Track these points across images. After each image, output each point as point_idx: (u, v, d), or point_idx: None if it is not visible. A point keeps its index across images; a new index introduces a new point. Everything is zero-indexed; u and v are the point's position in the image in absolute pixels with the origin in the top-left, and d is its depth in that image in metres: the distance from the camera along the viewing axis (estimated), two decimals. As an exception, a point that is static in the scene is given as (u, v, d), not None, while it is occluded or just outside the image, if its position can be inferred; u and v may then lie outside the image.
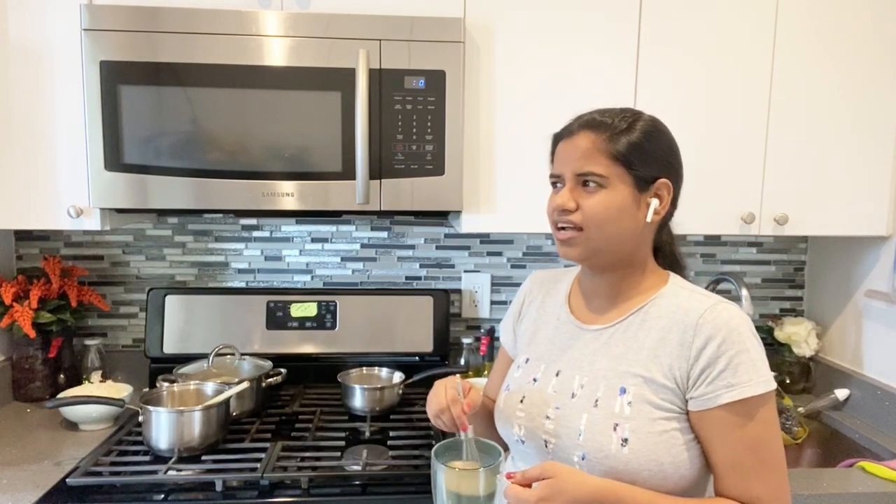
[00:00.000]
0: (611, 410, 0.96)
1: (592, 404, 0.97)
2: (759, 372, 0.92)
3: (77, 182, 1.57)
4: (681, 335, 0.96)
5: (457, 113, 1.57)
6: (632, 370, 0.97)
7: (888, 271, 1.80)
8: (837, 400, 1.88)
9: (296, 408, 1.75)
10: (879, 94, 1.73)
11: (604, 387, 0.98)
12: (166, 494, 1.34)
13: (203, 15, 1.50)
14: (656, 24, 1.65)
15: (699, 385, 0.93)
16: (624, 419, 0.94)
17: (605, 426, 0.95)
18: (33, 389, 1.81)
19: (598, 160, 0.97)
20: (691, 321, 0.95)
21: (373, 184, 1.55)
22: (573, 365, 1.04)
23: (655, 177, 0.99)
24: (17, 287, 1.76)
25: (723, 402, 0.92)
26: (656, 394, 0.95)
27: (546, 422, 1.01)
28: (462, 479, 0.94)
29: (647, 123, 1.00)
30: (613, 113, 1.01)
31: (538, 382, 1.06)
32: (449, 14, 1.58)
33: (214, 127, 1.52)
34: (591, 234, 0.98)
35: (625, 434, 0.93)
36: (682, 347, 0.95)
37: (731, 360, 0.92)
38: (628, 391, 0.96)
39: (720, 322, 0.94)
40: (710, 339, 0.93)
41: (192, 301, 1.90)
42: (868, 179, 1.75)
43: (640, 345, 0.99)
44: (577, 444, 0.96)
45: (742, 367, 0.91)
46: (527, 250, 2.09)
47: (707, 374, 0.93)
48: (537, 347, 1.12)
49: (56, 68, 1.54)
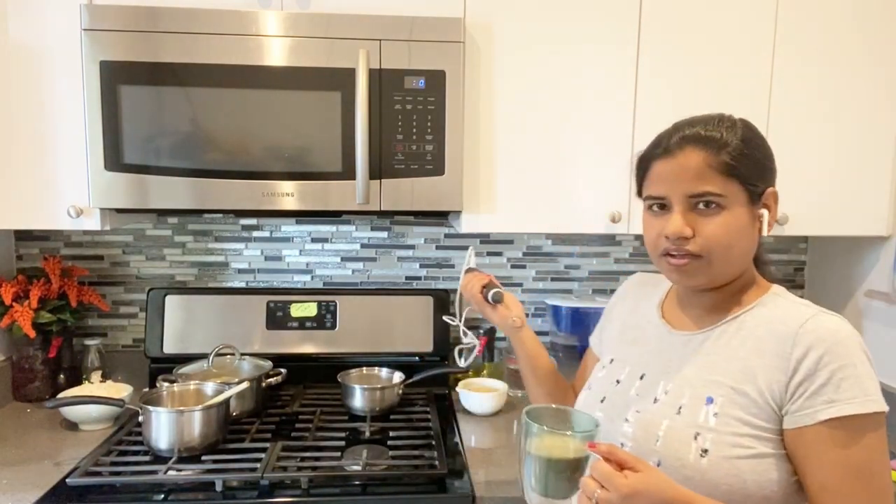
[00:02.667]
0: (694, 419, 0.91)
1: (675, 411, 0.93)
2: (866, 389, 0.84)
3: (77, 182, 1.57)
4: (778, 346, 0.89)
5: (457, 113, 1.57)
6: (721, 380, 0.92)
7: (888, 271, 1.80)
8: (837, 400, 1.88)
9: (296, 408, 1.75)
10: (879, 95, 1.73)
11: (689, 394, 0.94)
12: (166, 494, 1.34)
13: (203, 15, 1.50)
14: (656, 22, 1.65)
15: (796, 399, 0.87)
16: (707, 430, 0.89)
17: (686, 434, 0.91)
18: (33, 389, 1.81)
19: (712, 179, 0.90)
20: (790, 331, 0.89)
21: (373, 184, 1.55)
22: (659, 369, 1.00)
23: (765, 186, 0.94)
24: (17, 287, 1.76)
25: (822, 418, 0.85)
26: (745, 409, 0.89)
27: (625, 425, 0.98)
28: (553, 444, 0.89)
29: (745, 129, 0.95)
30: (711, 123, 0.94)
31: (621, 384, 1.04)
32: (449, 14, 1.58)
33: (214, 127, 1.52)
34: (714, 260, 0.91)
35: (706, 445, 0.89)
36: (780, 359, 0.88)
37: (833, 373, 0.84)
38: (716, 402, 0.91)
39: (823, 332, 0.87)
40: (810, 349, 0.86)
41: (192, 301, 1.90)
42: (868, 179, 1.75)
43: (733, 354, 0.93)
44: (653, 450, 0.92)
45: (846, 382, 0.84)
46: (527, 250, 2.09)
47: (806, 388, 0.86)
48: (624, 349, 1.09)
49: (56, 68, 1.54)
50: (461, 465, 1.46)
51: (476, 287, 1.27)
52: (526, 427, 0.90)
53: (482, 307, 1.27)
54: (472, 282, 1.29)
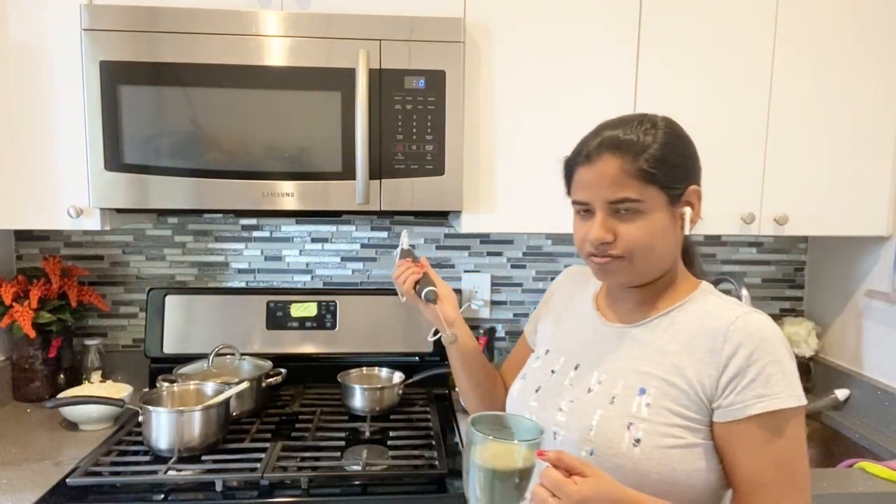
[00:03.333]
0: (627, 409, 0.94)
1: (608, 401, 0.96)
2: (791, 385, 0.88)
3: (77, 182, 1.57)
4: (710, 341, 0.92)
5: (457, 113, 1.57)
6: (654, 372, 0.95)
7: (888, 271, 1.80)
8: (837, 400, 1.88)
9: (296, 408, 1.75)
10: (879, 95, 1.73)
11: (622, 385, 0.96)
12: (166, 494, 1.34)
13: (203, 15, 1.50)
14: (657, 22, 1.65)
15: (728, 394, 0.90)
16: (640, 419, 0.92)
17: (619, 424, 0.93)
18: (33, 389, 1.81)
19: (630, 185, 0.92)
20: (721, 328, 0.92)
21: (373, 184, 1.55)
22: (593, 360, 1.02)
23: (685, 186, 0.96)
24: (17, 287, 1.76)
25: (752, 412, 0.88)
26: (676, 400, 0.92)
27: (558, 414, 1.00)
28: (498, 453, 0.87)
29: (666, 131, 0.96)
30: (630, 126, 0.95)
31: (556, 374, 1.06)
32: (449, 14, 1.58)
33: (214, 127, 1.52)
34: (636, 261, 0.95)
35: (638, 434, 0.91)
36: (711, 354, 0.92)
37: (762, 369, 0.88)
38: (648, 392, 0.94)
39: (752, 330, 0.90)
40: (740, 346, 0.90)
41: (192, 301, 1.90)
42: (868, 179, 1.75)
43: (665, 348, 0.96)
44: (587, 439, 0.95)
45: (774, 378, 0.88)
46: (527, 250, 2.09)
47: (737, 384, 0.89)
48: (559, 340, 1.11)
49: (56, 68, 1.54)
50: (461, 466, 1.46)
51: (409, 282, 1.18)
52: (470, 436, 0.88)
53: (415, 303, 1.19)
54: (405, 274, 1.19)
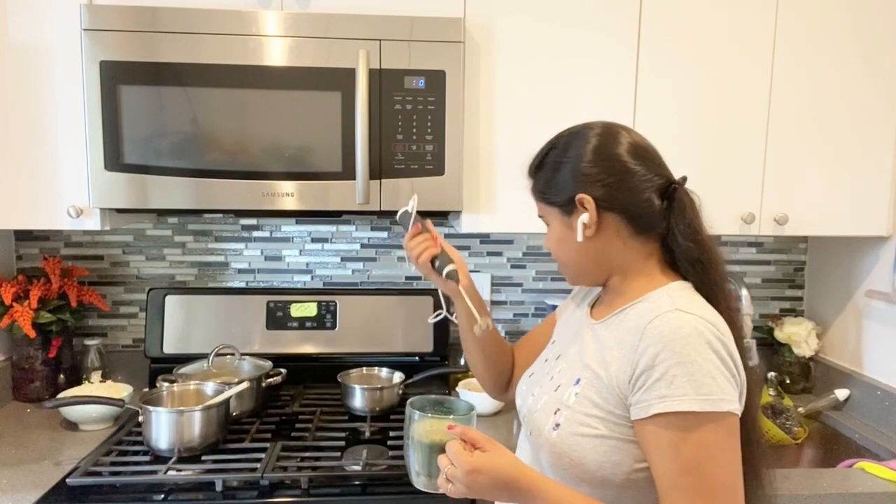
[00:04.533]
0: (560, 397, 1.00)
1: (554, 389, 1.02)
2: (699, 388, 0.85)
3: (77, 182, 1.57)
4: (633, 339, 0.93)
5: (457, 113, 1.57)
6: (589, 364, 0.99)
7: (888, 271, 1.80)
8: (837, 400, 1.88)
9: (296, 408, 1.75)
10: (879, 95, 1.73)
11: (568, 375, 1.02)
12: (166, 494, 1.34)
13: (203, 15, 1.50)
14: (656, 22, 1.65)
15: (636, 392, 0.90)
16: (565, 407, 0.97)
17: (550, 409, 1.00)
18: (33, 389, 1.81)
19: (538, 204, 1.08)
20: (641, 326, 0.92)
21: (373, 184, 1.55)
22: (567, 351, 1.09)
23: (571, 197, 1.00)
24: (17, 287, 1.76)
25: (653, 412, 0.87)
26: (599, 392, 0.95)
27: (530, 398, 1.08)
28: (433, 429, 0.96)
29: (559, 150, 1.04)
30: (539, 152, 1.08)
31: (546, 363, 1.13)
32: (449, 14, 1.58)
33: (214, 127, 1.52)
34: (561, 266, 1.09)
35: (560, 420, 0.97)
36: (631, 351, 0.92)
37: (668, 369, 0.87)
38: (581, 383, 0.99)
39: (666, 329, 0.89)
40: (650, 345, 0.89)
41: (192, 301, 1.90)
42: (868, 179, 1.75)
43: (603, 343, 0.99)
44: (531, 420, 1.04)
45: (679, 379, 0.86)
46: (527, 250, 2.09)
47: (644, 382, 0.89)
48: (560, 331, 1.19)
49: (56, 68, 1.54)
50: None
51: (426, 256, 1.18)
52: (409, 415, 0.99)
53: (429, 276, 1.21)
54: (421, 247, 1.19)
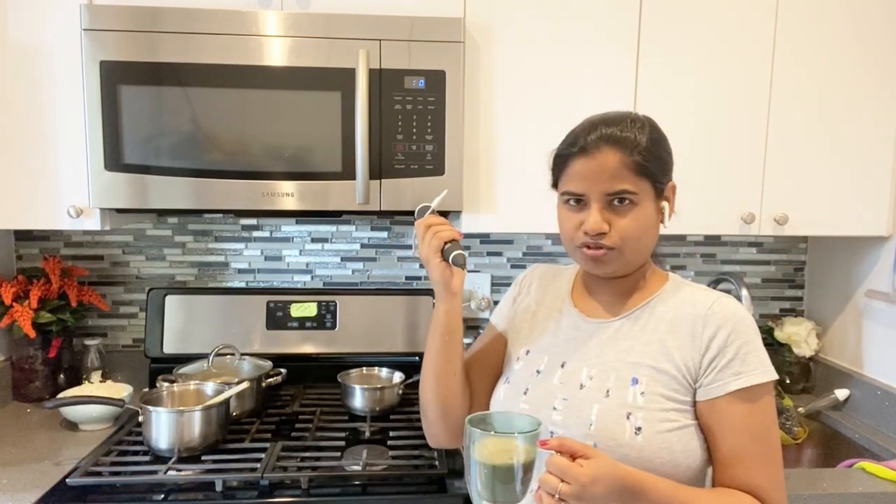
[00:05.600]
0: (623, 400, 0.97)
1: (604, 395, 0.99)
2: (763, 361, 0.96)
3: (77, 182, 1.57)
4: (690, 326, 0.99)
5: (457, 113, 1.57)
6: (643, 361, 0.99)
7: (888, 271, 1.80)
8: (837, 400, 1.88)
9: (296, 408, 1.75)
10: (879, 94, 1.73)
11: (614, 378, 0.99)
12: (166, 494, 1.34)
13: (203, 15, 1.50)
14: (656, 23, 1.65)
15: (709, 373, 0.96)
16: (637, 408, 0.96)
17: (618, 415, 0.96)
18: (33, 389, 1.81)
19: (627, 178, 0.96)
20: (700, 313, 0.99)
21: (373, 184, 1.55)
22: (579, 357, 1.04)
23: (667, 180, 1.02)
24: (17, 287, 1.76)
25: (732, 389, 0.95)
26: (667, 385, 0.97)
27: (553, 413, 1.00)
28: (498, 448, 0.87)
29: (651, 129, 1.00)
30: (625, 124, 0.98)
31: (542, 374, 1.06)
32: (449, 14, 1.58)
33: (214, 127, 1.52)
34: (626, 251, 0.98)
35: (638, 423, 0.95)
36: (693, 338, 0.98)
37: (739, 349, 0.95)
38: (640, 382, 0.98)
39: (728, 313, 0.98)
40: (719, 328, 0.97)
41: (192, 301, 1.90)
42: (868, 179, 1.75)
43: (649, 338, 1.01)
44: (587, 434, 0.96)
45: (750, 356, 0.95)
46: (527, 250, 2.09)
47: (717, 363, 0.96)
48: (538, 339, 1.11)
49: (56, 68, 1.54)
50: (461, 465, 1.46)
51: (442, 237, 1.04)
52: (469, 434, 0.88)
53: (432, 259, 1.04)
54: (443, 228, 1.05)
